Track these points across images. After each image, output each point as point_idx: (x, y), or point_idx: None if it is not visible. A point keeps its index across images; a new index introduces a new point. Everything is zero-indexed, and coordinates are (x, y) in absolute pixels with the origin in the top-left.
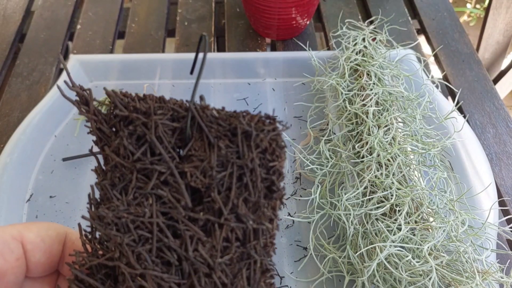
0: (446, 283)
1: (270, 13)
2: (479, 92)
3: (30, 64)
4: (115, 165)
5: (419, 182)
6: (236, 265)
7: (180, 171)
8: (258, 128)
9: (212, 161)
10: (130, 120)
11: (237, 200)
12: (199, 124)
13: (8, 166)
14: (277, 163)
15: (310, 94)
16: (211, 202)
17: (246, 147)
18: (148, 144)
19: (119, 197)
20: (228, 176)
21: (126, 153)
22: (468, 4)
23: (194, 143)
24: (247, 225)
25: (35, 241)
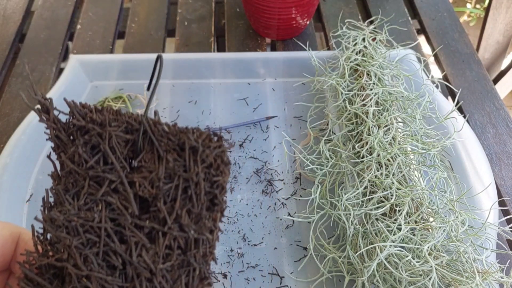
0: (446, 283)
1: (270, 13)
2: (479, 92)
3: (30, 64)
4: (69, 171)
5: (419, 182)
6: (176, 272)
7: (130, 180)
8: (205, 145)
9: (160, 173)
10: (87, 130)
11: (181, 210)
12: (150, 137)
13: (8, 166)
14: (220, 178)
15: (310, 94)
16: (156, 211)
17: (192, 162)
18: (101, 154)
19: (71, 201)
20: (174, 188)
21: (80, 160)
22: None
23: (144, 155)
24: (188, 235)
25: None
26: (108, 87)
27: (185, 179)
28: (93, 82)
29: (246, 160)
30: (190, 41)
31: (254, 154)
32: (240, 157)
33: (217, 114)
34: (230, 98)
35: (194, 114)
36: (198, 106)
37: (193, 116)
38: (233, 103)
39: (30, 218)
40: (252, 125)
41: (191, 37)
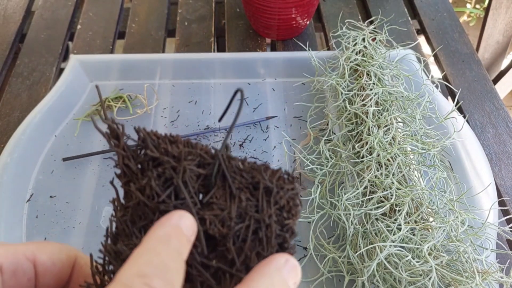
0: (446, 283)
1: (270, 13)
2: (479, 92)
3: (30, 64)
4: (138, 203)
5: (419, 182)
6: None
7: (201, 217)
8: (279, 186)
9: (232, 212)
10: (159, 162)
11: (250, 253)
12: (223, 173)
13: (9, 166)
14: (291, 221)
15: (310, 94)
16: (225, 251)
17: (265, 203)
18: (173, 187)
19: (139, 235)
20: (245, 229)
21: (151, 193)
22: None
23: (216, 191)
24: None
25: (47, 263)
26: (109, 87)
27: (256, 220)
28: (93, 82)
29: None
30: (190, 41)
31: (254, 154)
32: (240, 157)
33: (217, 114)
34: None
35: (194, 114)
36: (198, 106)
37: (193, 116)
38: (233, 103)
39: (30, 218)
40: (252, 125)
41: (191, 37)
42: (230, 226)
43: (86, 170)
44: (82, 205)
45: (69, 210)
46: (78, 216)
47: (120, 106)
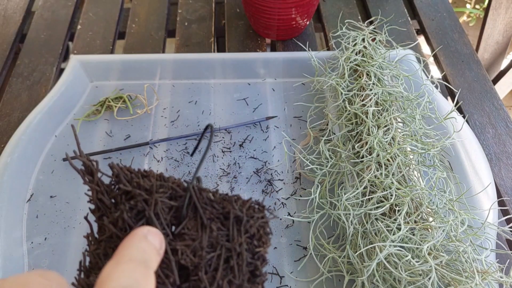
0: (445, 282)
1: (270, 14)
2: (479, 92)
3: (30, 65)
4: (110, 235)
5: (418, 182)
6: None
7: (172, 248)
8: (249, 215)
9: (204, 242)
10: (132, 195)
11: (222, 281)
12: (194, 204)
13: (9, 166)
14: (262, 249)
15: (310, 94)
16: (197, 280)
17: (236, 232)
18: (145, 220)
19: None
20: (216, 258)
21: (124, 226)
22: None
23: (187, 222)
24: None
25: None
26: (109, 87)
27: (227, 249)
28: (94, 82)
29: (246, 160)
30: (190, 41)
31: (254, 154)
32: (240, 157)
33: (217, 114)
34: (230, 98)
35: (194, 114)
36: (198, 106)
37: (193, 116)
38: (233, 103)
39: (30, 218)
40: (252, 125)
41: (191, 37)
42: (202, 255)
43: None
44: (82, 205)
45: (69, 210)
46: (78, 216)
47: (120, 106)
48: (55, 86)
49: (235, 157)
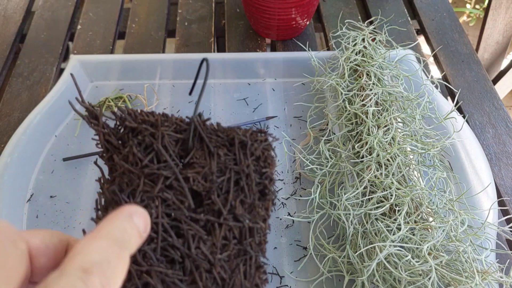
0: (445, 283)
1: (270, 14)
2: (479, 92)
3: (30, 65)
4: (123, 172)
5: (418, 182)
6: (234, 261)
7: (184, 176)
8: (253, 139)
9: (213, 167)
10: (139, 131)
11: (235, 201)
12: (199, 135)
13: (9, 166)
14: (269, 169)
15: (310, 94)
16: (211, 204)
17: (242, 155)
18: (154, 153)
19: (127, 200)
20: (227, 181)
21: (134, 160)
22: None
23: (195, 152)
24: (243, 224)
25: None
26: (109, 87)
27: (236, 171)
28: (94, 82)
29: None
30: (190, 41)
31: None
32: None
33: (217, 114)
34: (230, 98)
35: None
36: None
37: None
38: (233, 103)
39: (31, 218)
40: (252, 125)
41: (191, 37)
42: (213, 180)
43: (86, 170)
44: (82, 205)
45: (69, 210)
46: (78, 216)
47: (120, 106)
48: (55, 86)
49: None
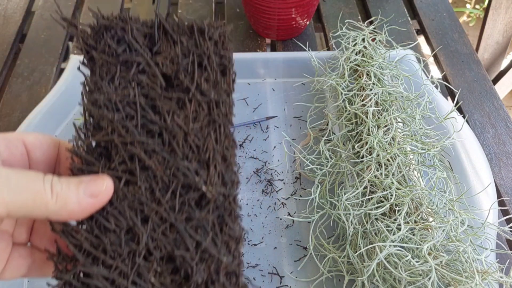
0: (445, 282)
1: (270, 14)
2: (479, 92)
3: (30, 65)
4: (101, 63)
5: (418, 182)
6: (205, 130)
7: (154, 61)
8: (209, 25)
9: (177, 51)
10: (111, 27)
11: (200, 79)
12: (164, 28)
13: None
14: (227, 52)
15: (310, 94)
16: (180, 84)
17: (201, 40)
18: (126, 44)
19: (107, 84)
20: (191, 63)
21: (110, 51)
22: (468, 4)
23: (161, 44)
24: (210, 98)
25: (34, 142)
26: None
27: (198, 54)
28: None
29: (246, 160)
30: None
31: (254, 154)
32: (240, 157)
33: None
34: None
35: None
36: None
37: None
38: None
39: None
40: (252, 125)
41: None
42: (179, 62)
43: None
44: None
45: None
46: None
47: None
48: (55, 86)
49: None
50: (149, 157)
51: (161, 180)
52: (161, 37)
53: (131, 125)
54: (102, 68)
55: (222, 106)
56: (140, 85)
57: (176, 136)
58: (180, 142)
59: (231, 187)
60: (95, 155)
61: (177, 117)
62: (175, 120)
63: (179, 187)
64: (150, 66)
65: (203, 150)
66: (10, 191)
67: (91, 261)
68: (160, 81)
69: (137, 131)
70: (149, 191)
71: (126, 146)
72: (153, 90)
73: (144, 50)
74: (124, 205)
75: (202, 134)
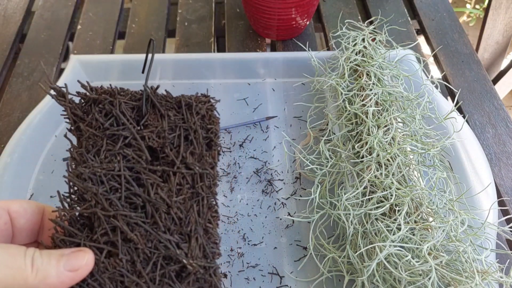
0: (445, 283)
1: (270, 14)
2: (479, 92)
3: (30, 65)
4: (88, 136)
5: (418, 182)
6: (188, 203)
7: (140, 135)
8: (197, 100)
9: (164, 125)
10: (99, 101)
11: (186, 153)
12: (152, 102)
13: (9, 166)
14: (213, 126)
15: (310, 94)
16: (165, 157)
17: (189, 114)
18: (114, 118)
19: (93, 159)
20: (177, 137)
21: (97, 125)
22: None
23: (149, 116)
24: (194, 171)
25: (19, 210)
26: None
27: (185, 129)
28: (94, 82)
29: (246, 160)
30: (190, 41)
31: (254, 154)
32: (240, 157)
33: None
34: (230, 98)
35: None
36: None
37: None
38: (233, 103)
39: None
40: (252, 125)
41: (191, 37)
42: (165, 136)
43: None
44: None
45: None
46: None
47: None
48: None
49: (235, 157)
50: (131, 230)
51: (143, 252)
52: (149, 110)
53: (115, 197)
54: (88, 141)
55: (206, 179)
56: (126, 158)
57: (159, 209)
58: (163, 215)
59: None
60: (78, 226)
61: (160, 190)
62: (158, 193)
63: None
64: (136, 140)
65: (185, 222)
66: None
67: None
68: (146, 155)
69: (120, 203)
70: (130, 263)
71: (109, 219)
72: (138, 163)
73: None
74: (105, 277)
75: (185, 207)
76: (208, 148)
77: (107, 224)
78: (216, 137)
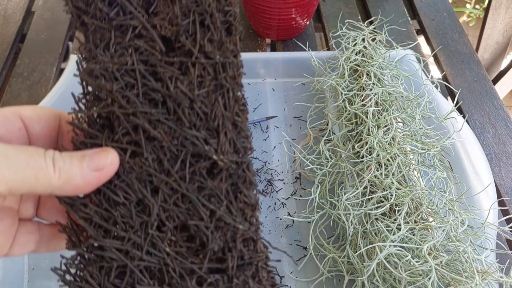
0: (445, 283)
1: (270, 14)
2: (479, 92)
3: (30, 65)
4: (94, 29)
5: (418, 182)
6: (212, 96)
7: (151, 24)
8: None
9: (176, 11)
10: None
11: (203, 41)
12: None
13: None
14: (231, 7)
15: (310, 94)
16: (181, 47)
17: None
18: (119, 6)
19: (103, 54)
20: (192, 23)
21: (102, 16)
22: (468, 4)
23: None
24: (215, 61)
25: (32, 116)
26: None
27: (199, 13)
28: None
29: None
30: None
31: (254, 154)
32: None
33: None
34: None
35: None
36: None
37: None
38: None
39: None
40: (252, 125)
41: None
42: (178, 23)
43: None
44: None
45: None
46: None
47: None
48: (55, 86)
49: None
50: (154, 128)
51: (169, 150)
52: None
53: (132, 94)
54: (95, 34)
55: (229, 69)
56: (138, 51)
57: (181, 104)
58: (186, 110)
59: (244, 154)
60: (98, 127)
61: (180, 83)
62: (178, 86)
63: (188, 157)
64: (147, 30)
65: (211, 117)
66: (10, 168)
67: (103, 233)
68: (159, 46)
69: (138, 100)
70: (157, 162)
71: (129, 117)
72: (152, 56)
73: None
74: (132, 178)
75: (209, 100)
76: (228, 34)
77: (127, 123)
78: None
